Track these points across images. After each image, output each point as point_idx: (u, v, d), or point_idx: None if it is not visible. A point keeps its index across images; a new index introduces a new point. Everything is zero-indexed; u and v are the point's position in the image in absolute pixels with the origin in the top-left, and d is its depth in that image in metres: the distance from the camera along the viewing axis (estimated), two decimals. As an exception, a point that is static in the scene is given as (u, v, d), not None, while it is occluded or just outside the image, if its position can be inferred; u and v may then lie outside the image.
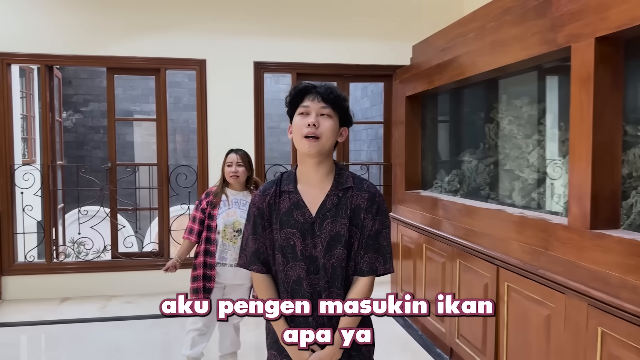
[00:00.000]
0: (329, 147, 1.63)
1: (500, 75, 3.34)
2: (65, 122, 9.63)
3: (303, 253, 1.63)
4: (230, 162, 3.01)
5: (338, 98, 1.63)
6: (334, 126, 1.62)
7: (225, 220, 2.95)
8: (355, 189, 1.65)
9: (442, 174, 4.12)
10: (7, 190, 4.73)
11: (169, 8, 4.90)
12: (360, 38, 5.19)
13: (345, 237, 1.61)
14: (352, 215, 1.63)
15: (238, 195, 3.04)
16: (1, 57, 4.64)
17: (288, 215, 1.64)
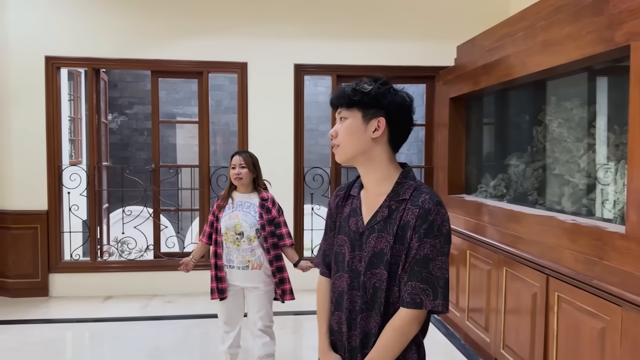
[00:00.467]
0: (352, 149, 1.44)
1: (549, 77, 3.21)
2: (110, 124, 9.90)
3: (349, 265, 1.48)
4: (233, 164, 2.97)
5: (350, 94, 1.42)
6: (350, 127, 1.43)
7: (227, 223, 2.94)
8: (410, 203, 1.40)
9: (488, 178, 4.00)
10: (55, 190, 4.88)
11: (211, 12, 4.96)
12: (402, 39, 5.10)
13: (387, 257, 1.39)
14: (398, 232, 1.39)
15: (243, 198, 3.01)
16: (51, 61, 4.79)
17: (346, 221, 1.52)
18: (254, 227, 2.93)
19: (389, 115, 1.42)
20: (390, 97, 1.42)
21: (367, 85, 1.42)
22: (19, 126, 4.80)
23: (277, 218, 3.02)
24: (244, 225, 2.92)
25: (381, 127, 1.42)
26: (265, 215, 2.95)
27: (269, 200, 3.03)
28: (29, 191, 4.84)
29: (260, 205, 2.98)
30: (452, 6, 5.14)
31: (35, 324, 4.23)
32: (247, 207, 2.97)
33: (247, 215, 2.94)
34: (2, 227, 4.82)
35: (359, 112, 1.43)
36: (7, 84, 4.78)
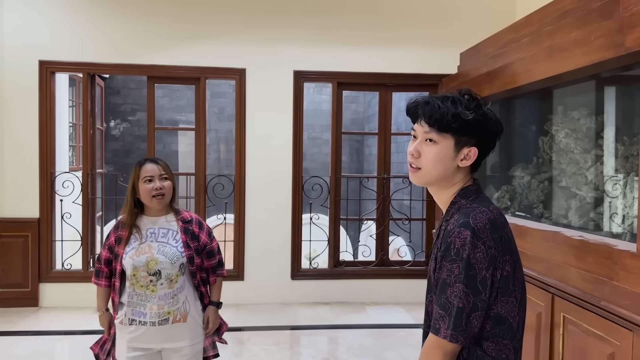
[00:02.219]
0: (435, 176, 1.34)
1: (555, 85, 3.07)
2: (112, 131, 9.85)
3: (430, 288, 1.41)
4: (149, 175, 2.17)
5: (444, 117, 1.28)
6: (440, 153, 1.31)
7: (134, 261, 2.15)
8: (450, 225, 1.29)
9: (491, 189, 3.85)
10: (47, 197, 4.77)
11: (209, 18, 4.86)
12: (404, 46, 4.98)
13: (432, 281, 1.34)
14: (438, 256, 1.31)
15: (155, 223, 2.23)
16: (45, 66, 4.70)
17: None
18: (177, 263, 2.17)
19: (480, 143, 1.33)
20: (488, 126, 1.32)
21: (467, 111, 1.29)
22: (11, 132, 4.71)
23: (210, 244, 2.34)
24: (161, 262, 2.14)
25: (472, 157, 1.32)
26: (193, 244, 2.24)
27: (194, 221, 2.30)
28: (21, 198, 4.73)
29: (183, 230, 2.24)
30: (456, 12, 5.02)
31: (23, 336, 4.11)
32: (164, 236, 2.21)
33: (166, 247, 2.18)
34: (-8, 234, 4.72)
35: (452, 138, 1.31)
36: (0, 89, 4.69)
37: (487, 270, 1.23)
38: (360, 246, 5.78)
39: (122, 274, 2.20)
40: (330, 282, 5.07)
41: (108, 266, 2.27)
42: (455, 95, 1.32)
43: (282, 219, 4.99)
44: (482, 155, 1.35)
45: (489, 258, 1.23)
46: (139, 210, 2.24)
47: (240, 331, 4.26)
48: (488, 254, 1.23)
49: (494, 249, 1.24)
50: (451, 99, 1.31)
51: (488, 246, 1.24)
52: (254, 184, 4.97)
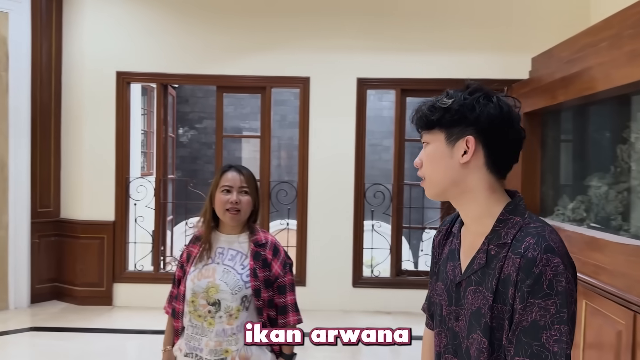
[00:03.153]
0: (440, 181, 1.14)
1: (634, 91, 2.90)
2: (181, 138, 10.24)
3: (445, 322, 1.18)
4: (228, 185, 1.87)
5: (427, 113, 1.13)
6: (433, 153, 1.14)
7: (194, 284, 1.84)
8: (512, 249, 1.04)
9: (565, 200, 3.68)
10: (122, 201, 5.02)
11: (275, 27, 4.97)
12: (471, 51, 4.87)
13: (485, 320, 1.05)
14: (499, 288, 1.04)
15: (228, 242, 1.91)
16: (122, 76, 4.97)
17: (444, 265, 1.22)
18: (239, 294, 1.81)
19: (480, 132, 1.09)
20: (479, 108, 1.09)
21: (448, 98, 1.12)
22: (90, 139, 5.00)
23: (282, 277, 1.90)
24: (222, 290, 1.81)
25: (471, 149, 1.09)
26: (262, 273, 1.86)
27: (269, 245, 1.91)
28: (98, 202, 5.01)
29: (253, 254, 1.88)
30: (526, 16, 4.85)
31: (98, 333, 4.33)
32: (232, 259, 1.87)
33: (229, 273, 1.84)
34: (72, 236, 5.03)
35: (442, 133, 1.12)
36: (81, 98, 5.00)
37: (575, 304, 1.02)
38: (422, 255, 5.68)
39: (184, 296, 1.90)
40: (392, 291, 5.01)
41: (179, 287, 1.96)
42: (450, 90, 1.15)
43: (343, 226, 5.00)
44: (497, 151, 1.10)
45: (575, 288, 1.02)
46: (214, 224, 1.93)
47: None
48: (575, 283, 1.02)
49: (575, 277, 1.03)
50: (437, 96, 1.16)
51: (573, 273, 1.03)
52: (316, 191, 5.01)
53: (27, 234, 4.87)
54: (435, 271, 1.27)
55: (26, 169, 4.86)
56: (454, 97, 1.12)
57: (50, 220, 5.06)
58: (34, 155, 4.93)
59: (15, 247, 4.80)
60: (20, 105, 4.79)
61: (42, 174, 5.01)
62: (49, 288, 5.07)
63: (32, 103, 4.89)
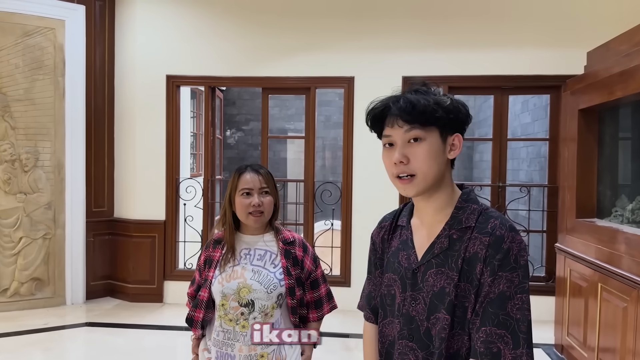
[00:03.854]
0: (433, 177, 1.18)
1: None
2: (228, 140, 10.44)
3: (400, 309, 1.23)
4: (248, 188, 1.82)
5: (425, 109, 1.17)
6: (431, 150, 1.17)
7: (223, 287, 1.79)
8: (476, 230, 1.16)
9: (624, 200, 3.49)
10: (172, 201, 5.15)
11: (319, 28, 4.96)
12: (522, 45, 4.71)
13: (450, 298, 1.13)
14: (464, 267, 1.14)
15: (251, 243, 1.88)
16: (171, 80, 5.09)
17: (395, 256, 1.29)
18: (274, 292, 1.79)
19: (462, 130, 1.23)
20: (464, 109, 1.22)
21: (445, 97, 1.21)
22: (141, 141, 5.15)
23: (314, 272, 1.93)
24: (255, 290, 1.78)
25: (458, 145, 1.21)
26: (294, 270, 1.85)
27: (297, 243, 1.91)
28: (150, 202, 5.15)
29: (284, 253, 1.86)
30: (580, 9, 4.64)
31: (149, 330, 4.45)
32: (260, 259, 1.84)
33: (262, 272, 1.81)
34: (125, 234, 5.19)
35: (436, 130, 1.18)
36: (133, 102, 5.16)
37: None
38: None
39: (208, 303, 1.84)
40: (439, 294, 4.90)
41: (197, 292, 1.93)
42: (417, 87, 1.23)
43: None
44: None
45: None
46: (235, 226, 1.89)
47: (347, 337, 4.26)
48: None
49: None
50: (416, 90, 1.21)
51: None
52: (360, 191, 4.97)
53: (82, 233, 5.07)
54: (378, 265, 1.37)
55: (82, 171, 5.06)
56: (442, 97, 1.20)
57: (104, 220, 5.26)
58: (88, 157, 5.13)
59: (72, 245, 5.01)
60: (76, 109, 4.99)
61: (96, 175, 5.21)
62: (102, 285, 5.27)
63: (86, 107, 5.08)
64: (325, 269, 5.09)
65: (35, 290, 4.88)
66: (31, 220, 4.84)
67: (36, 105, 4.82)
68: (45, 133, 4.86)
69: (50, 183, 4.90)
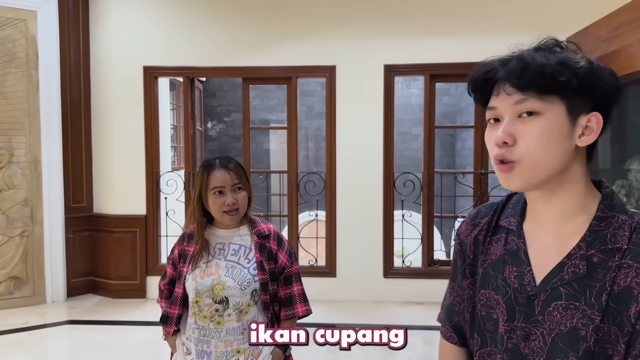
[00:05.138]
0: (548, 168, 0.86)
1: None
2: (209, 132, 10.32)
3: (504, 341, 0.91)
4: (219, 186, 1.74)
5: (544, 70, 0.84)
6: (550, 129, 0.85)
7: (197, 284, 1.74)
8: (630, 255, 0.83)
9: (604, 185, 3.53)
10: (153, 195, 5.07)
11: (299, 17, 4.91)
12: (503, 33, 4.70)
13: (588, 344, 0.83)
14: (611, 304, 0.83)
15: (225, 237, 1.82)
16: (149, 71, 4.99)
17: (496, 268, 0.95)
18: (247, 289, 1.74)
19: (603, 108, 0.88)
20: (606, 78, 0.86)
21: (578, 58, 0.85)
22: (120, 134, 5.06)
23: (289, 268, 1.84)
24: (229, 287, 1.73)
25: (595, 128, 0.87)
26: (268, 265, 1.78)
27: (272, 236, 1.84)
28: (130, 196, 5.07)
29: (259, 247, 1.80)
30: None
31: (132, 326, 4.40)
32: (234, 253, 1.79)
33: (235, 268, 1.75)
34: (105, 230, 5.11)
35: (562, 103, 0.85)
36: (110, 94, 5.05)
37: None
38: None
39: (184, 300, 1.81)
40: (424, 282, 4.93)
41: (170, 286, 1.88)
42: (542, 45, 0.91)
43: (373, 216, 4.93)
44: (603, 130, 0.89)
45: None
46: (207, 219, 1.83)
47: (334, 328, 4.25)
48: None
49: None
50: (539, 49, 0.90)
51: None
52: (344, 181, 4.95)
53: (61, 229, 4.98)
54: (468, 273, 1.03)
55: (59, 166, 4.95)
56: (575, 57, 0.86)
57: (83, 216, 5.16)
58: (65, 152, 5.02)
59: (51, 242, 4.91)
60: (51, 102, 4.87)
61: (74, 169, 5.11)
62: (84, 282, 5.18)
63: (62, 100, 4.96)
64: (310, 259, 5.09)
65: (13, 289, 4.78)
66: (7, 218, 4.73)
67: (9, 100, 4.69)
68: (19, 128, 4.74)
69: (26, 179, 4.78)
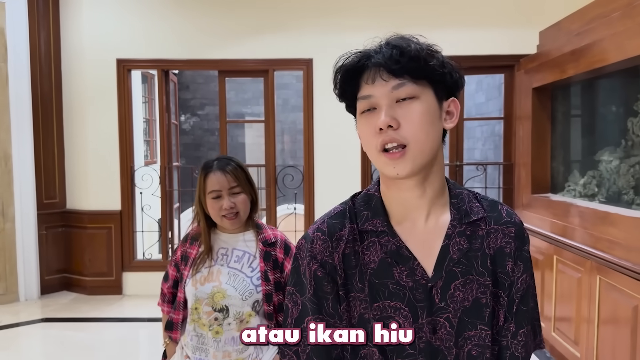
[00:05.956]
0: (430, 150, 0.88)
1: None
2: (183, 125, 10.19)
3: (417, 345, 0.88)
4: (215, 190, 1.66)
5: (418, 55, 0.88)
6: (427, 111, 0.87)
7: (196, 290, 1.66)
8: (491, 221, 0.93)
9: (576, 175, 3.63)
10: (128, 190, 4.99)
11: (276, 9, 4.88)
12: (476, 26, 4.78)
13: (489, 308, 0.90)
14: (493, 267, 0.91)
15: (232, 242, 1.73)
16: (122, 64, 4.90)
17: (382, 275, 0.90)
18: (249, 299, 1.65)
19: (456, 94, 0.95)
20: (456, 67, 0.94)
21: (435, 46, 0.92)
22: (93, 128, 4.95)
23: None
24: (229, 295, 1.64)
25: (455, 113, 0.93)
26: (273, 275, 1.68)
27: (279, 243, 1.73)
28: (104, 191, 4.98)
29: (264, 255, 1.69)
30: (532, -11, 4.74)
31: (109, 322, 4.34)
32: (237, 260, 1.70)
33: (237, 276, 1.67)
34: (79, 226, 5.01)
35: (430, 88, 0.89)
36: (83, 88, 4.94)
37: None
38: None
39: (186, 304, 1.73)
40: (401, 272, 4.99)
41: (174, 289, 1.81)
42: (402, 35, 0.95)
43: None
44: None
45: None
46: (212, 223, 1.75)
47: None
48: None
49: None
50: (402, 37, 0.93)
51: None
52: (322, 174, 4.97)
53: (34, 226, 4.86)
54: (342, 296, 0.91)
55: (30, 161, 4.82)
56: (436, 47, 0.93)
57: (56, 212, 5.05)
58: (37, 147, 4.90)
59: (23, 239, 4.79)
60: (21, 96, 4.73)
61: (46, 165, 4.99)
62: (58, 279, 5.08)
63: (32, 94, 4.83)
64: (288, 252, 5.09)
65: (-15, 288, 4.66)
66: (-23, 215, 4.60)
67: (-23, 93, 4.55)
68: (-12, 122, 4.61)
69: (-4, 175, 4.66)
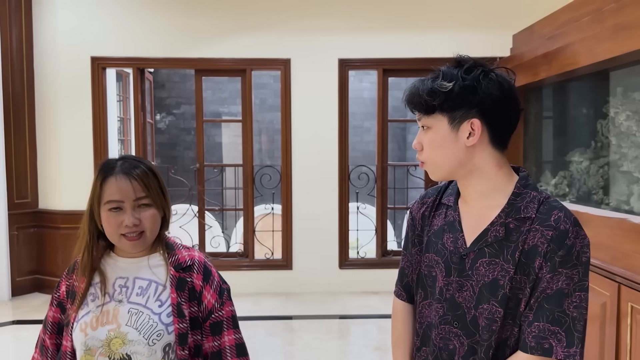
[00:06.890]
0: (446, 165, 1.14)
1: (614, 66, 2.93)
2: (158, 124, 10.07)
3: (442, 293, 1.17)
4: (116, 199, 1.24)
5: (421, 97, 1.11)
6: (436, 139, 1.13)
7: (87, 336, 1.23)
8: (537, 222, 1.08)
9: (548, 176, 3.73)
10: (103, 190, 4.92)
11: (254, 8, 4.87)
12: (452, 29, 4.86)
13: (504, 291, 1.08)
14: (522, 259, 1.08)
15: (133, 269, 1.31)
16: (97, 62, 4.83)
17: (437, 236, 1.21)
18: (158, 343, 1.23)
19: (484, 113, 1.09)
20: (481, 90, 1.08)
21: (446, 80, 1.09)
22: (66, 127, 4.87)
23: (218, 311, 1.31)
24: (131, 341, 1.22)
25: (477, 131, 1.09)
26: (189, 308, 1.28)
27: (196, 267, 1.32)
28: (77, 191, 4.86)
29: (177, 283, 1.28)
30: (505, -7, 4.85)
31: (83, 323, 4.27)
32: (141, 293, 1.28)
33: (141, 314, 1.25)
34: (52, 226, 4.92)
35: (444, 117, 1.11)
36: (55, 86, 4.85)
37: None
38: (407, 235, 5.70)
39: (74, 356, 1.27)
40: (378, 272, 5.04)
41: (57, 336, 1.33)
42: (444, 68, 1.12)
43: (329, 209, 4.99)
44: (498, 127, 1.11)
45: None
46: (106, 243, 1.32)
47: (291, 320, 4.31)
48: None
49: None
50: (436, 73, 1.13)
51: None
52: (300, 174, 4.98)
53: (4, 226, 4.75)
54: (416, 242, 1.29)
55: (1, 160, 4.72)
56: (452, 79, 1.09)
57: (28, 212, 4.95)
58: (8, 147, 4.79)
59: (-7, 239, 4.69)
60: (-8, 94, 4.63)
61: (17, 164, 4.88)
62: (30, 280, 4.98)
63: (4, 92, 4.73)
64: (266, 253, 5.09)
65: (-47, 290, 4.54)
66: (-55, 215, 4.48)
67: (-55, 90, 4.43)
68: (-44, 120, 4.49)
69: (-35, 174, 4.54)
